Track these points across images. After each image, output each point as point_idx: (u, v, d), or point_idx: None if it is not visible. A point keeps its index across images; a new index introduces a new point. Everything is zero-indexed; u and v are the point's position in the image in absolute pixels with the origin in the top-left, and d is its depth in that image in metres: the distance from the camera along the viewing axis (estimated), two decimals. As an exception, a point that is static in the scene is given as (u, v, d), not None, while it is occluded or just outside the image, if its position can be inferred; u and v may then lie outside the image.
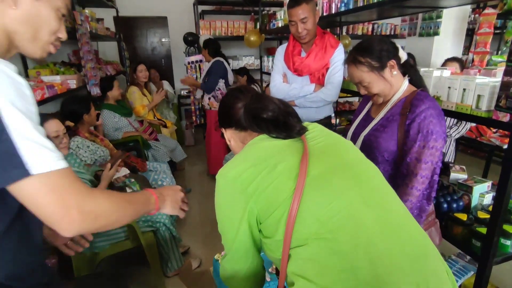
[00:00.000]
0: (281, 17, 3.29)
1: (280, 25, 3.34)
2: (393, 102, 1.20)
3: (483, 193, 1.42)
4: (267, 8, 4.58)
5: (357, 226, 0.68)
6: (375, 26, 5.26)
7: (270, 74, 2.13)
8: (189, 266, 2.02)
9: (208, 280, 1.50)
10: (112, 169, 1.80)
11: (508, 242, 1.22)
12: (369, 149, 1.21)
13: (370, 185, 0.77)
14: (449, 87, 1.27)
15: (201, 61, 3.98)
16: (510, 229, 1.22)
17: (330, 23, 3.18)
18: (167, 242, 1.93)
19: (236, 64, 5.06)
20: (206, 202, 3.08)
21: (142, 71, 3.53)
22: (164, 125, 3.65)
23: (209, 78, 3.27)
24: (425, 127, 1.08)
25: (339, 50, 1.85)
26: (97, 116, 2.38)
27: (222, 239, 0.82)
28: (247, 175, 0.72)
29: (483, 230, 1.22)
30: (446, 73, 1.33)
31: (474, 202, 1.42)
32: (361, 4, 1.93)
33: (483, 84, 1.13)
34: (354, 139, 1.31)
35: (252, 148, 0.80)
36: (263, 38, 4.08)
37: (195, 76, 3.97)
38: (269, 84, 2.07)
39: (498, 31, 4.21)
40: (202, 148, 4.56)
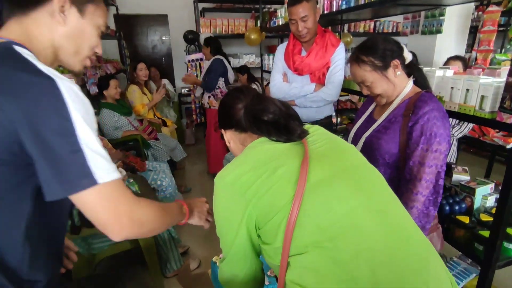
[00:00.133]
0: (282, 15, 3.26)
1: (281, 23, 3.31)
2: (396, 103, 1.16)
3: (486, 195, 1.39)
4: (268, 6, 4.56)
5: (358, 234, 0.66)
6: (377, 23, 5.22)
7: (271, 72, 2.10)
8: (187, 268, 2.00)
9: (206, 282, 1.49)
10: None
11: (512, 246, 1.20)
12: (370, 151, 1.19)
13: (372, 191, 0.74)
14: (451, 87, 1.25)
15: (201, 59, 3.96)
16: (513, 232, 1.19)
17: (331, 21, 3.15)
18: (166, 243, 1.92)
19: (237, 62, 5.04)
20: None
21: (142, 70, 3.50)
22: (164, 124, 3.64)
23: (209, 76, 3.25)
24: (429, 130, 1.05)
25: (340, 49, 1.82)
26: None
27: (220, 242, 0.80)
28: (246, 178, 0.71)
29: (485, 233, 1.20)
30: (449, 73, 1.30)
31: (477, 204, 1.39)
32: (362, 2, 1.90)
33: (486, 85, 1.11)
34: (355, 140, 1.29)
35: (252, 151, 0.78)
36: (264, 36, 4.05)
37: (195, 74, 3.95)
38: (269, 83, 2.05)
39: (502, 28, 4.16)
40: (202, 147, 4.54)
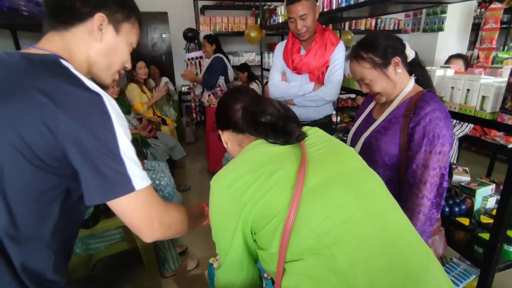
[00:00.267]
0: (282, 13, 3.23)
1: (280, 21, 3.28)
2: (396, 103, 1.13)
3: (487, 196, 1.37)
4: (268, 3, 4.52)
5: (356, 241, 0.64)
6: (378, 21, 5.18)
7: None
8: (184, 269, 2.00)
9: (203, 284, 1.48)
10: None
11: (512, 249, 1.18)
12: (369, 152, 1.16)
13: (371, 197, 0.72)
14: (452, 87, 1.22)
15: (201, 57, 3.93)
16: (514, 235, 1.17)
17: (331, 19, 3.12)
18: (163, 243, 1.91)
19: (237, 60, 5.01)
20: (206, 200, 2.98)
21: (142, 68, 3.49)
22: (164, 122, 3.62)
23: (209, 74, 3.23)
24: (431, 131, 1.01)
25: (340, 48, 1.79)
26: None
27: (216, 248, 0.79)
28: (242, 182, 0.69)
29: (485, 236, 1.18)
30: (450, 72, 1.28)
31: (477, 205, 1.37)
32: (362, 0, 1.88)
33: (488, 85, 1.08)
34: (354, 140, 1.26)
35: (249, 153, 0.76)
36: (264, 34, 4.01)
37: (195, 72, 3.93)
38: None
39: (504, 26, 4.10)
40: (202, 145, 4.53)
